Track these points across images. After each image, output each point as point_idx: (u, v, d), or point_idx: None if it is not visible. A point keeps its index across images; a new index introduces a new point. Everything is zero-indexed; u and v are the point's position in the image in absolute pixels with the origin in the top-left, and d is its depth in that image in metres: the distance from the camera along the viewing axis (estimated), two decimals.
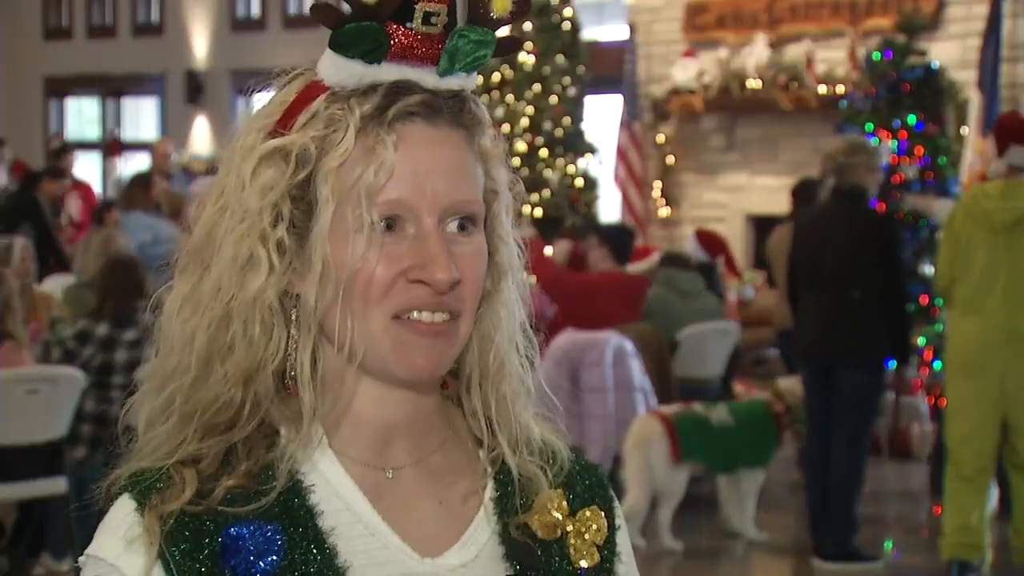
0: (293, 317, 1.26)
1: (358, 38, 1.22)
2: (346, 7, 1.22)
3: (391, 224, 1.23)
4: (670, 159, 12.64)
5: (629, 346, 7.45)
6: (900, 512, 7.84)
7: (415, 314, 1.23)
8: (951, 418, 6.14)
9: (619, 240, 7.94)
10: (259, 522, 1.21)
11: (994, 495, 6.51)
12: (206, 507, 1.21)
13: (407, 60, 1.24)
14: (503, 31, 1.27)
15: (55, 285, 8.31)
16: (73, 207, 12.72)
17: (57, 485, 5.97)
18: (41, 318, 6.81)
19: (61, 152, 13.92)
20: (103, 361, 6.11)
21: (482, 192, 1.29)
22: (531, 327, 1.37)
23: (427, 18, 1.22)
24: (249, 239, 1.24)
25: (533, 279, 9.36)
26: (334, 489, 1.26)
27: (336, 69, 1.24)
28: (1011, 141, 6.08)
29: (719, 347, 8.49)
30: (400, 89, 1.24)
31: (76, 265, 7.49)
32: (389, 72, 1.24)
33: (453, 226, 1.25)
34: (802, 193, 8.61)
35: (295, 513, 1.23)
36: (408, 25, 1.23)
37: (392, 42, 1.23)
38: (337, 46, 1.23)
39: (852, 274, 6.48)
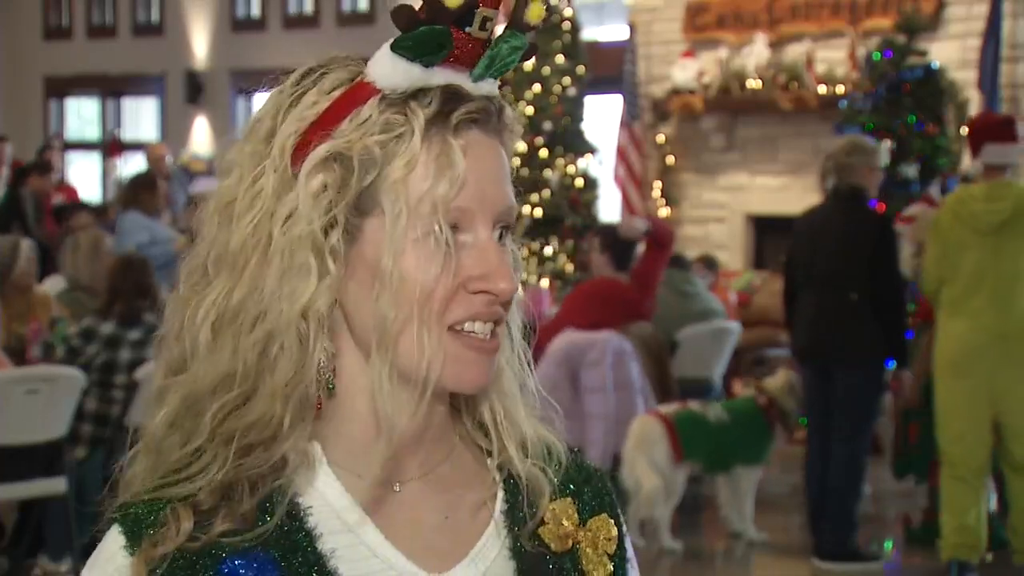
0: (337, 329, 1.22)
1: (428, 41, 1.19)
2: (419, 8, 1.19)
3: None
4: (670, 159, 12.64)
5: (629, 347, 7.45)
6: (900, 512, 7.84)
7: (468, 324, 1.20)
8: (941, 419, 6.15)
9: (620, 247, 7.93)
10: (255, 552, 1.17)
11: (992, 495, 6.53)
12: (202, 544, 1.17)
13: (451, 64, 1.21)
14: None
15: (55, 285, 8.28)
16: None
17: (57, 485, 5.96)
18: (41, 318, 6.80)
19: (45, 149, 13.88)
20: (106, 360, 6.12)
21: None
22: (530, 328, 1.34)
23: (484, 23, 1.20)
24: (300, 247, 1.19)
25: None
26: (333, 509, 1.22)
27: (394, 72, 1.20)
28: (985, 140, 6.10)
29: (719, 347, 8.49)
30: (451, 95, 1.21)
31: (65, 268, 7.35)
32: (438, 76, 1.21)
33: (496, 235, 1.22)
34: None
35: (293, 538, 1.19)
36: (467, 29, 1.20)
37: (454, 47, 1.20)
38: (403, 48, 1.19)
39: (848, 275, 6.49)
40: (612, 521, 1.32)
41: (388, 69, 1.20)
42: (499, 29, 1.25)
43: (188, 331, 1.23)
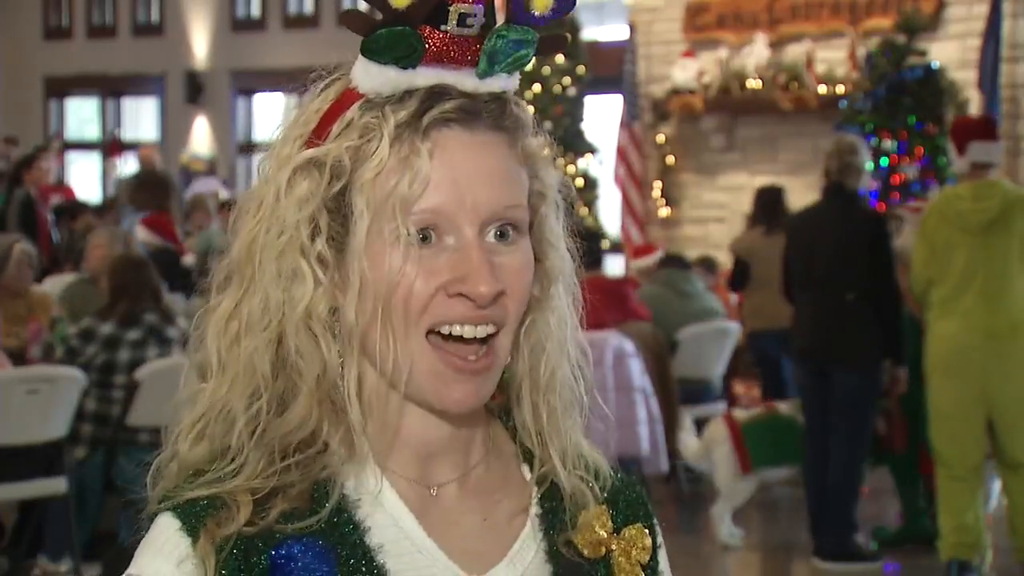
0: (336, 332, 1.21)
1: (391, 44, 1.17)
2: (377, 13, 1.18)
3: (428, 235, 1.18)
4: (670, 159, 12.64)
5: (629, 347, 7.45)
6: (900, 511, 7.83)
7: (457, 328, 1.19)
8: (935, 420, 6.15)
9: (587, 248, 7.94)
10: (308, 539, 1.18)
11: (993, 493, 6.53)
12: (260, 528, 1.17)
13: (443, 64, 1.19)
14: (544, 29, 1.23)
15: (55, 285, 8.29)
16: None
17: (57, 485, 5.96)
18: (41, 318, 6.80)
19: (41, 148, 13.92)
20: (106, 360, 6.11)
21: (527, 196, 1.24)
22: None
23: (462, 20, 1.18)
24: (290, 253, 1.19)
25: None
26: (380, 505, 1.23)
27: (369, 76, 1.20)
28: (970, 139, 6.12)
29: (719, 347, 8.49)
30: (436, 94, 1.19)
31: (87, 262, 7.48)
32: (425, 77, 1.19)
33: (493, 234, 1.20)
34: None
35: (342, 530, 1.20)
36: (443, 28, 1.18)
37: (427, 46, 1.18)
38: (369, 53, 1.19)
39: (845, 275, 6.50)
40: (647, 531, 1.31)
41: (364, 74, 1.20)
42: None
43: (207, 339, 1.24)
